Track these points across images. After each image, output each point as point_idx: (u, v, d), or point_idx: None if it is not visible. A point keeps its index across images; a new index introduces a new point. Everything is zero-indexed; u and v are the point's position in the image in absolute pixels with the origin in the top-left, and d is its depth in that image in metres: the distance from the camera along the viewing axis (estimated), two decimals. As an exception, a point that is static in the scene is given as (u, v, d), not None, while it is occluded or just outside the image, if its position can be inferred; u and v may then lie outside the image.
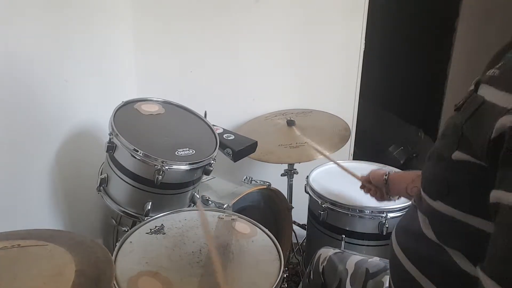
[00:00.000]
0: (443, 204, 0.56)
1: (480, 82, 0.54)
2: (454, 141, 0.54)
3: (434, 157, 0.60)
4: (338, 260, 0.97)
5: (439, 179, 0.57)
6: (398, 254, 0.68)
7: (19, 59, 1.09)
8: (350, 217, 1.31)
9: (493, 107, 0.47)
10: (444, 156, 0.55)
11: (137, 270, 0.86)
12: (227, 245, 0.97)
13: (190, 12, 1.60)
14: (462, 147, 0.52)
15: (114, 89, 1.52)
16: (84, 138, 1.39)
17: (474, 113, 0.51)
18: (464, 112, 0.54)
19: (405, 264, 0.66)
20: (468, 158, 0.51)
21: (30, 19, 1.11)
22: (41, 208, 1.27)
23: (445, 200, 0.56)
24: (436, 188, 0.58)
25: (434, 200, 0.58)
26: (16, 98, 1.10)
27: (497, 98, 0.47)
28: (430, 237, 0.60)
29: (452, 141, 0.54)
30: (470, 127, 0.51)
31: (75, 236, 0.69)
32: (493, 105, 0.47)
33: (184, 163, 1.10)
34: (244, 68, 1.74)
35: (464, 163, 0.51)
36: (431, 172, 0.61)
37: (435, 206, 0.58)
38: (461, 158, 0.52)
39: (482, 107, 0.50)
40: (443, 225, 0.58)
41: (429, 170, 0.62)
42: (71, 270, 0.58)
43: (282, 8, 1.67)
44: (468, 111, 0.53)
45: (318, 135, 1.60)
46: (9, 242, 0.63)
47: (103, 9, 1.41)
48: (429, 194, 0.59)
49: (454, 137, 0.54)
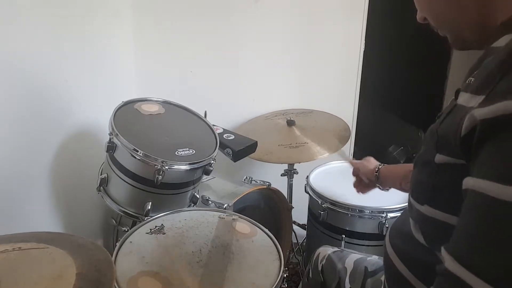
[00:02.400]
0: (431, 208, 0.58)
1: (459, 90, 0.57)
2: (433, 145, 0.56)
3: (419, 164, 0.62)
4: (337, 259, 0.97)
5: (425, 183, 0.59)
6: (390, 255, 0.70)
7: (19, 59, 1.09)
8: (350, 217, 1.31)
9: (461, 108, 0.51)
10: (427, 161, 0.58)
11: (137, 270, 0.86)
12: (227, 245, 0.98)
13: (190, 12, 1.60)
14: (441, 150, 0.54)
15: (114, 89, 1.52)
16: (84, 138, 1.39)
17: (446, 116, 0.55)
18: (440, 118, 0.58)
19: (397, 265, 0.68)
20: (448, 160, 0.53)
21: (30, 19, 1.11)
22: (41, 208, 1.27)
23: (432, 204, 0.58)
24: (423, 193, 0.60)
25: (422, 205, 0.60)
26: (16, 98, 1.11)
27: (465, 100, 0.51)
28: (421, 240, 0.62)
29: (431, 146, 0.57)
30: (443, 129, 0.54)
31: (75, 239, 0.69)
32: (461, 107, 0.51)
33: (184, 163, 1.10)
34: (244, 68, 1.74)
35: (446, 165, 0.54)
36: (417, 178, 0.63)
37: (423, 210, 0.59)
38: (443, 160, 0.54)
39: (453, 110, 0.54)
40: (432, 229, 0.60)
41: (415, 176, 0.64)
42: (72, 273, 0.58)
43: (282, 8, 1.67)
44: (443, 116, 0.57)
45: (318, 135, 1.60)
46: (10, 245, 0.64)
47: (103, 9, 1.41)
48: (417, 200, 0.61)
49: (432, 142, 0.57)
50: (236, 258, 0.93)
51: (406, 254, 0.67)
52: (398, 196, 1.30)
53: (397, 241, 0.70)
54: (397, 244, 0.70)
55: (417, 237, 0.63)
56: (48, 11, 1.17)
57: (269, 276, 0.88)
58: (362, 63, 1.82)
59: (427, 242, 0.61)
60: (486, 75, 0.50)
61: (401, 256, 0.68)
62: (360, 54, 1.80)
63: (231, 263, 0.91)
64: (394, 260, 0.69)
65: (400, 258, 0.68)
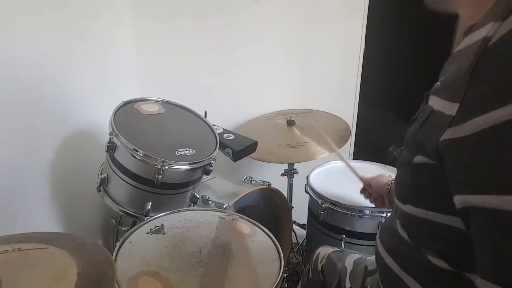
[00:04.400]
0: (413, 207, 0.62)
1: (429, 93, 0.61)
2: (413, 147, 0.60)
3: (402, 165, 0.66)
4: (337, 259, 0.98)
5: (407, 183, 0.64)
6: (381, 252, 0.74)
7: (19, 59, 1.09)
8: (350, 217, 1.31)
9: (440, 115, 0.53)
10: (408, 162, 0.61)
11: (137, 270, 0.86)
12: (228, 245, 0.98)
13: (190, 12, 1.60)
14: (420, 151, 0.57)
15: (114, 89, 1.52)
16: (84, 138, 1.39)
17: (425, 121, 0.57)
18: (418, 121, 0.61)
19: (387, 261, 0.71)
20: (425, 160, 0.56)
21: (30, 19, 1.11)
22: (41, 208, 1.27)
23: (414, 202, 0.62)
24: (405, 192, 0.65)
25: (405, 204, 0.64)
26: (16, 98, 1.11)
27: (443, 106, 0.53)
28: (406, 239, 0.66)
29: (412, 148, 0.60)
30: (422, 133, 0.57)
31: (76, 239, 0.69)
32: (440, 113, 0.53)
33: (184, 163, 1.10)
34: (244, 68, 1.74)
35: (423, 165, 0.57)
36: (400, 179, 0.68)
37: (406, 209, 0.64)
38: (421, 161, 0.57)
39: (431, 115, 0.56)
40: (415, 227, 0.63)
41: (398, 177, 0.69)
42: (73, 272, 0.58)
43: (282, 8, 1.67)
44: (421, 119, 0.59)
45: (318, 135, 1.59)
46: (10, 246, 0.63)
47: (103, 9, 1.41)
48: (400, 200, 0.66)
49: (412, 144, 0.60)
50: (236, 258, 0.93)
51: (395, 250, 0.70)
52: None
53: (386, 238, 0.74)
54: (386, 241, 0.74)
55: (402, 235, 0.66)
56: (48, 11, 1.17)
57: (269, 276, 0.88)
58: (362, 63, 1.82)
59: (412, 241, 0.64)
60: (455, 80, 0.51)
61: (391, 252, 0.71)
62: (360, 54, 1.80)
63: (231, 263, 0.91)
64: (384, 256, 0.72)
65: (390, 255, 0.71)
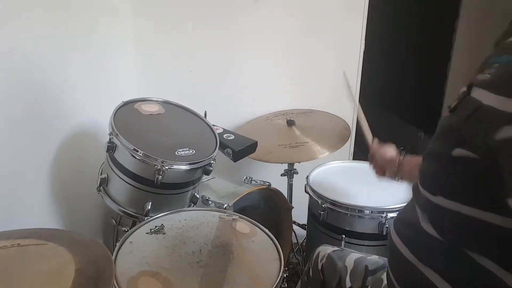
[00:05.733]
0: (445, 199, 0.58)
1: (472, 85, 0.57)
2: (452, 140, 0.56)
3: (431, 156, 0.62)
4: (337, 258, 0.98)
5: (439, 175, 0.59)
6: (397, 244, 0.71)
7: (19, 59, 1.09)
8: (350, 217, 1.31)
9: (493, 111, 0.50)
10: (442, 154, 0.58)
11: (137, 270, 0.86)
12: (228, 245, 0.98)
13: (190, 12, 1.60)
14: (462, 145, 0.54)
15: (114, 89, 1.52)
16: (84, 138, 1.39)
17: (472, 115, 0.53)
18: (460, 114, 0.57)
19: (404, 253, 0.69)
20: (468, 154, 0.53)
21: (30, 20, 1.11)
22: (41, 208, 1.27)
23: (447, 195, 0.58)
24: (437, 183, 0.60)
25: (435, 196, 0.60)
26: (16, 98, 1.10)
27: (496, 101, 0.50)
28: (431, 233, 0.63)
29: (450, 141, 0.56)
30: (469, 128, 0.53)
31: (74, 235, 0.69)
32: (492, 108, 0.50)
33: (184, 163, 1.10)
34: (244, 68, 1.74)
35: (463, 159, 0.54)
36: (430, 170, 0.63)
37: (435, 201, 0.60)
38: (461, 154, 0.54)
39: (480, 110, 0.52)
40: (445, 221, 0.60)
41: (427, 168, 0.64)
42: (71, 269, 0.58)
43: (282, 8, 1.67)
44: (464, 112, 0.55)
45: (318, 135, 1.60)
46: (8, 242, 0.63)
47: (103, 9, 1.41)
48: (429, 190, 0.62)
49: (452, 137, 0.56)
50: (236, 258, 0.93)
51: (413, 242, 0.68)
52: (398, 196, 1.30)
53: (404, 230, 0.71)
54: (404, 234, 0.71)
55: (426, 229, 0.63)
56: (48, 11, 1.17)
57: (269, 276, 0.88)
58: (362, 63, 1.82)
59: (441, 235, 0.61)
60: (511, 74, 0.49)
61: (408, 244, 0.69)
62: (360, 54, 1.80)
63: (231, 263, 0.91)
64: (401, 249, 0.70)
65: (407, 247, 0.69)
